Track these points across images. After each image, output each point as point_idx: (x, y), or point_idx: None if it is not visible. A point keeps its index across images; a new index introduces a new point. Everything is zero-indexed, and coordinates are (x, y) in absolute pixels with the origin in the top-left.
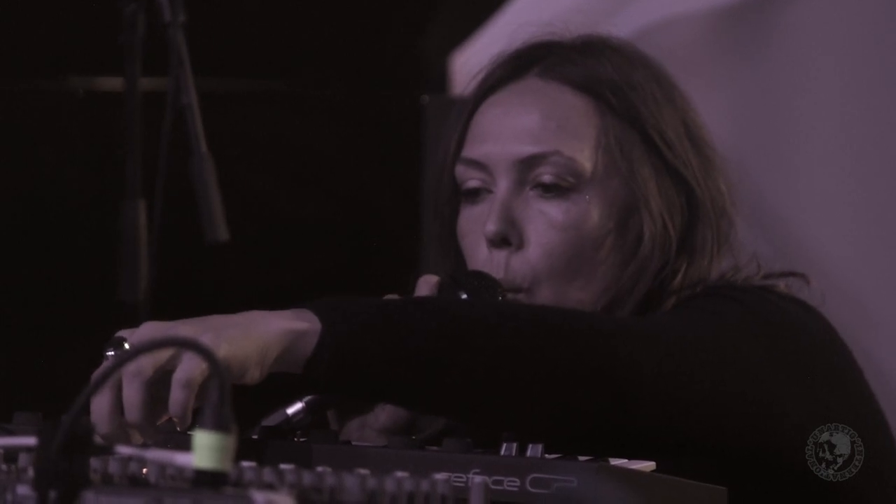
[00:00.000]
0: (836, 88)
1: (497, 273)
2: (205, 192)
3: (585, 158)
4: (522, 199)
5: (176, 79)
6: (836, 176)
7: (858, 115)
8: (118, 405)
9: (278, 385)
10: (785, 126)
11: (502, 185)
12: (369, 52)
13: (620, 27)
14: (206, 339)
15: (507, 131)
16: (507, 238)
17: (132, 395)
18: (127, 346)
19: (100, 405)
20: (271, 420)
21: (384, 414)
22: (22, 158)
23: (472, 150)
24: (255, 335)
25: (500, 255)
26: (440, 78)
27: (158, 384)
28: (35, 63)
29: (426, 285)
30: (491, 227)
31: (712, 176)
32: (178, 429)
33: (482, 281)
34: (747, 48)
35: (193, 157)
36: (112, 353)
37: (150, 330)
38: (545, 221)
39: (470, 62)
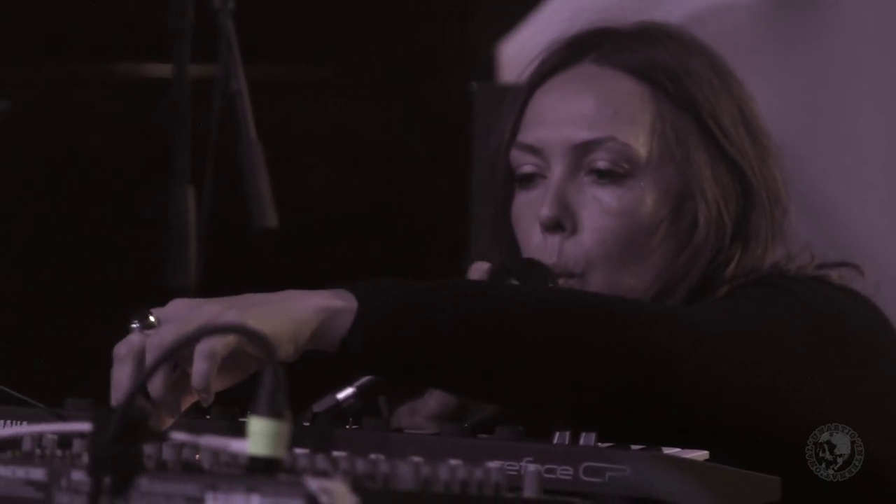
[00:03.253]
0: (888, 76)
1: (550, 258)
2: (253, 178)
3: (640, 145)
4: (577, 184)
5: (225, 65)
6: (890, 165)
7: None
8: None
9: (328, 369)
10: (837, 114)
11: (557, 171)
12: (418, 39)
13: (670, 13)
14: (230, 316)
15: (563, 117)
16: (561, 223)
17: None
18: (152, 318)
19: (119, 377)
20: (321, 405)
21: (434, 400)
22: (72, 144)
23: (527, 136)
24: (287, 312)
25: (554, 239)
26: (488, 65)
27: (183, 362)
28: (85, 49)
29: (478, 272)
30: (546, 211)
31: (767, 164)
32: (203, 404)
33: (534, 268)
34: (798, 35)
35: (242, 143)
36: (137, 325)
37: (178, 307)
38: (599, 207)
39: (518, 50)
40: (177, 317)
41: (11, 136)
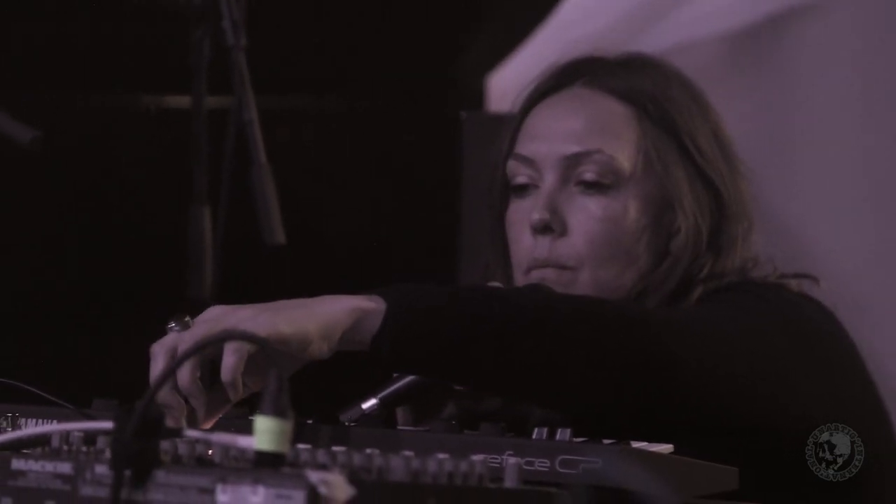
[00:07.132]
0: (841, 101)
1: (542, 253)
2: (264, 199)
3: (625, 158)
4: (566, 193)
5: (239, 97)
6: (843, 186)
7: (862, 126)
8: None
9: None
10: (795, 140)
11: (549, 180)
12: (411, 71)
13: (644, 49)
14: (262, 319)
15: (556, 132)
16: (551, 225)
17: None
18: (188, 319)
19: (153, 372)
20: (347, 415)
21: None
22: (99, 169)
23: (523, 148)
24: (319, 312)
25: (545, 239)
26: (477, 96)
27: (216, 360)
28: (111, 82)
29: None
30: (537, 215)
31: (737, 182)
32: (232, 399)
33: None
34: (761, 68)
35: (254, 167)
36: (173, 326)
37: (214, 313)
38: (587, 214)
39: (506, 81)
40: (210, 319)
41: (44, 161)
